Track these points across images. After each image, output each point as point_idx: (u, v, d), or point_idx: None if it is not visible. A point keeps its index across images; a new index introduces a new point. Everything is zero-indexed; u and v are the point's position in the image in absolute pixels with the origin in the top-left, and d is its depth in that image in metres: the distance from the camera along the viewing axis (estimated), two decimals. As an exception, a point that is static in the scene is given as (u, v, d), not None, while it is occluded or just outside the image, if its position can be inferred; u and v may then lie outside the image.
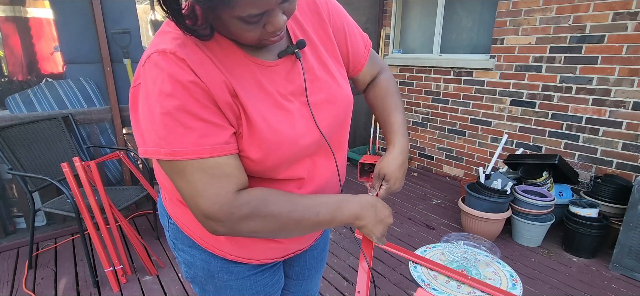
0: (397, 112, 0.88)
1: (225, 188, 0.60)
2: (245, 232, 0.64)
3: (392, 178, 0.84)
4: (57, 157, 2.24)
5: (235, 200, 0.61)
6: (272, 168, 0.68)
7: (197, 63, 0.57)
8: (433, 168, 4.00)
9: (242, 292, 0.86)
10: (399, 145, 0.86)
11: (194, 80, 0.56)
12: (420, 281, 1.01)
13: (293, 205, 0.65)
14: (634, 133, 2.53)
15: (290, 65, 0.69)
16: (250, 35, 0.58)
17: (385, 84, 0.91)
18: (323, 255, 1.07)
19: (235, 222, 0.62)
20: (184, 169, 0.58)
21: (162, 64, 0.56)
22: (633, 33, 2.43)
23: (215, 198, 0.59)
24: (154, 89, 0.56)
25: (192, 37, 0.58)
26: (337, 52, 0.79)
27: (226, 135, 0.60)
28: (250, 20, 0.55)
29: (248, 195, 0.62)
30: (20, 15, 2.45)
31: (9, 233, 2.49)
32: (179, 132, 0.56)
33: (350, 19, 0.84)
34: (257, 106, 0.63)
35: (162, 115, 0.56)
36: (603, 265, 2.31)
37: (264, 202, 0.63)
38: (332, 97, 0.74)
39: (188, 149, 0.57)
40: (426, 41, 3.86)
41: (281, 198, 0.65)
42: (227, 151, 0.60)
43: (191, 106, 0.56)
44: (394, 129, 0.87)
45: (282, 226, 0.65)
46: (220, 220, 0.61)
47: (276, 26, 0.58)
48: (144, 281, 2.09)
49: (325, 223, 0.68)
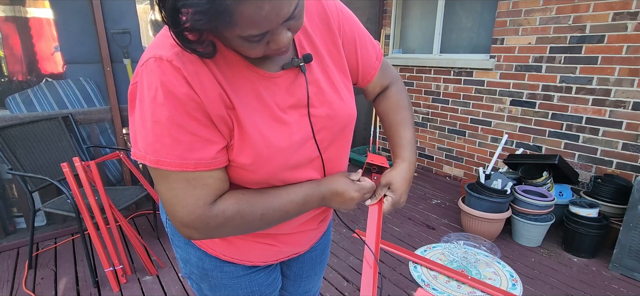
0: (407, 127, 0.87)
1: (203, 199, 0.61)
2: (220, 236, 0.70)
3: (398, 190, 0.81)
4: (57, 157, 2.24)
5: (210, 210, 0.62)
6: (266, 181, 0.68)
7: (193, 73, 0.57)
8: (433, 168, 4.00)
9: (236, 291, 0.86)
10: (407, 160, 0.84)
11: (187, 92, 0.56)
12: (420, 281, 1.01)
13: (264, 210, 0.67)
14: (634, 133, 2.53)
15: (293, 77, 0.68)
16: (253, 52, 0.57)
17: (396, 97, 0.89)
18: (323, 257, 1.06)
19: (210, 230, 0.65)
20: (167, 176, 0.60)
21: (157, 71, 0.56)
22: (633, 33, 2.43)
23: (193, 207, 0.61)
24: (148, 96, 0.57)
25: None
26: (344, 64, 0.78)
27: (214, 150, 0.61)
28: (252, 40, 0.54)
29: (223, 203, 0.64)
30: (20, 15, 2.45)
31: (9, 233, 2.49)
32: (167, 142, 0.57)
33: (363, 30, 0.82)
34: (253, 118, 0.63)
35: (152, 123, 0.57)
36: (603, 265, 2.31)
37: (239, 213, 0.65)
38: (335, 111, 0.73)
39: (173, 161, 0.58)
40: (426, 41, 3.86)
41: (254, 205, 0.67)
42: (211, 167, 0.61)
43: (181, 119, 0.57)
44: (403, 143, 0.86)
45: (254, 229, 0.70)
46: (196, 228, 0.63)
47: (280, 44, 0.57)
48: (144, 281, 2.09)
49: (301, 205, 0.72)
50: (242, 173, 0.66)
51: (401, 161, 0.84)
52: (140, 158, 0.59)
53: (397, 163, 0.84)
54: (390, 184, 0.81)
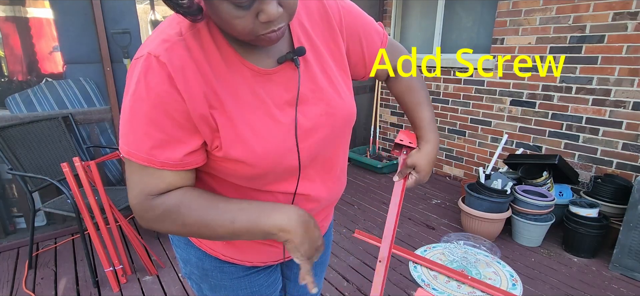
0: (425, 107, 0.89)
1: (148, 188, 0.61)
2: (163, 231, 0.67)
3: (423, 170, 0.88)
4: (57, 157, 2.24)
5: (152, 200, 0.62)
6: (265, 174, 0.67)
7: (178, 70, 0.56)
8: (433, 168, 3.99)
9: (236, 292, 0.85)
10: (432, 142, 0.88)
11: (167, 90, 0.56)
12: (420, 281, 1.01)
13: (205, 210, 0.63)
14: (634, 133, 2.53)
15: (290, 73, 0.67)
16: (241, 24, 0.54)
17: (408, 77, 0.91)
18: (324, 258, 1.06)
19: (149, 221, 0.64)
20: (137, 169, 0.61)
21: (143, 65, 0.57)
22: (633, 33, 2.43)
23: (139, 194, 0.62)
24: (131, 89, 0.58)
25: (184, 41, 0.58)
26: (344, 62, 0.77)
27: (183, 151, 0.60)
28: (241, 4, 0.52)
29: (165, 197, 0.62)
30: (20, 15, 2.45)
31: (9, 233, 2.49)
32: (139, 136, 0.58)
33: (365, 19, 0.82)
34: (246, 116, 0.62)
35: (129, 115, 0.58)
36: (603, 265, 2.31)
37: (176, 207, 0.62)
38: (332, 108, 0.72)
39: (141, 155, 0.59)
40: (426, 41, 3.86)
41: (195, 202, 0.63)
42: (177, 167, 0.61)
43: (157, 115, 0.57)
44: (424, 125, 0.88)
45: (193, 232, 0.65)
46: (138, 215, 0.64)
47: (269, 14, 0.54)
48: (144, 281, 2.09)
49: (244, 231, 0.63)
50: (241, 166, 0.65)
51: (425, 142, 0.88)
52: (119, 147, 0.62)
53: (421, 145, 0.88)
54: (416, 165, 0.87)
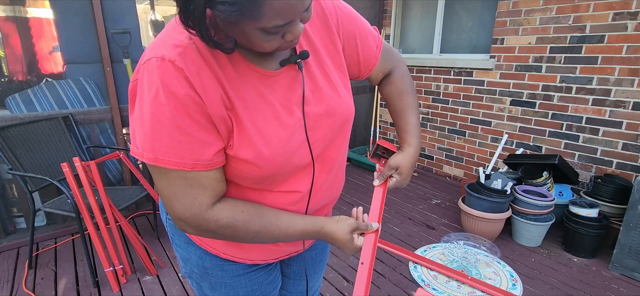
0: (412, 112, 0.92)
1: (199, 199, 0.63)
2: (211, 238, 0.73)
3: (405, 172, 0.90)
4: (57, 157, 2.24)
5: (206, 213, 0.64)
6: (271, 176, 0.69)
7: (194, 74, 0.57)
8: (433, 168, 4.00)
9: (237, 290, 0.86)
10: (414, 145, 0.91)
11: (188, 93, 0.56)
12: (420, 281, 1.01)
13: (257, 233, 0.69)
14: (634, 133, 2.53)
15: (293, 75, 0.69)
16: (269, 45, 0.57)
17: (400, 82, 0.92)
18: (323, 256, 1.07)
19: (202, 232, 0.67)
20: (166, 173, 0.61)
21: (159, 71, 0.56)
22: (633, 33, 2.43)
23: (190, 205, 0.63)
24: (149, 95, 0.57)
25: (195, 45, 0.58)
26: (342, 62, 0.78)
27: (211, 151, 0.61)
28: (273, 31, 0.55)
29: (219, 212, 0.65)
30: (21, 15, 2.45)
31: (9, 233, 2.49)
32: (165, 141, 0.58)
33: (362, 22, 0.84)
34: (254, 118, 0.63)
35: (151, 122, 0.57)
36: (603, 265, 2.31)
37: (232, 226, 0.67)
38: (332, 109, 0.73)
39: (171, 159, 0.59)
40: (426, 41, 3.86)
41: (249, 225, 0.68)
42: (208, 167, 0.62)
43: (181, 119, 0.57)
44: (409, 129, 0.91)
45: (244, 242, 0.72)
46: (190, 225, 0.66)
47: (296, 34, 0.58)
48: (144, 281, 2.09)
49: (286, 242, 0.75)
50: (248, 167, 0.66)
51: (408, 146, 0.91)
52: (138, 156, 0.60)
53: (404, 148, 0.91)
54: (398, 167, 0.90)
